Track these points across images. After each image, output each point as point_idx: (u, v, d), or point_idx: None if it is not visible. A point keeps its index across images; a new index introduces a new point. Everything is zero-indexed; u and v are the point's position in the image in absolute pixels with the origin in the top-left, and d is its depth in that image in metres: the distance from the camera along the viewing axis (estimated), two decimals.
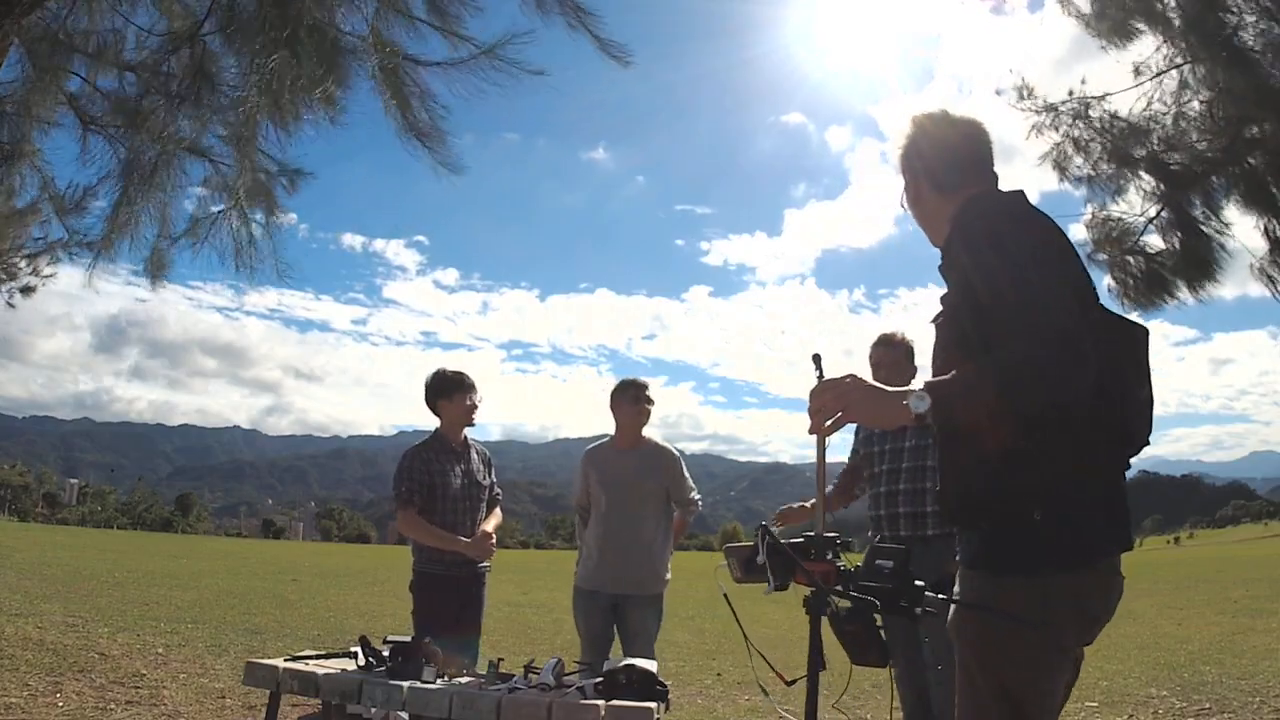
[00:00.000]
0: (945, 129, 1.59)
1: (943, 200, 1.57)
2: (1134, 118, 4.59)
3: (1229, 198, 4.57)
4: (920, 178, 1.61)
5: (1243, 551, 41.06)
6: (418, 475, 3.51)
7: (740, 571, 1.56)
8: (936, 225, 1.59)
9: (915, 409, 1.27)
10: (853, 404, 1.33)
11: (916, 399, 1.27)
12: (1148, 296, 4.80)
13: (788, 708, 5.09)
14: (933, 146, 1.58)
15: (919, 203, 1.63)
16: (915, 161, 1.61)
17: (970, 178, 1.56)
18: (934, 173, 1.58)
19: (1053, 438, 1.32)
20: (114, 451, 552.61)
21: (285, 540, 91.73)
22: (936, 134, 1.58)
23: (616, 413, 3.68)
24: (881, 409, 1.33)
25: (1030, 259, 1.33)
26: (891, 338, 3.30)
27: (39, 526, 52.54)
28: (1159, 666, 6.34)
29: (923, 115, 1.62)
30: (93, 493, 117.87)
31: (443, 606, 3.45)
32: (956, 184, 1.55)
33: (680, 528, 3.81)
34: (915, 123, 1.62)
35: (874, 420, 1.41)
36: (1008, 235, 1.38)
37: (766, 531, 1.48)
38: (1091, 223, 4.93)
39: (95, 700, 4.25)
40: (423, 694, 2.40)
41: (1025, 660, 1.37)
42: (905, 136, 1.63)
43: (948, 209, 1.55)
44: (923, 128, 1.61)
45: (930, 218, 1.61)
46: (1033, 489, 1.36)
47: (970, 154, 1.57)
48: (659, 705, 2.34)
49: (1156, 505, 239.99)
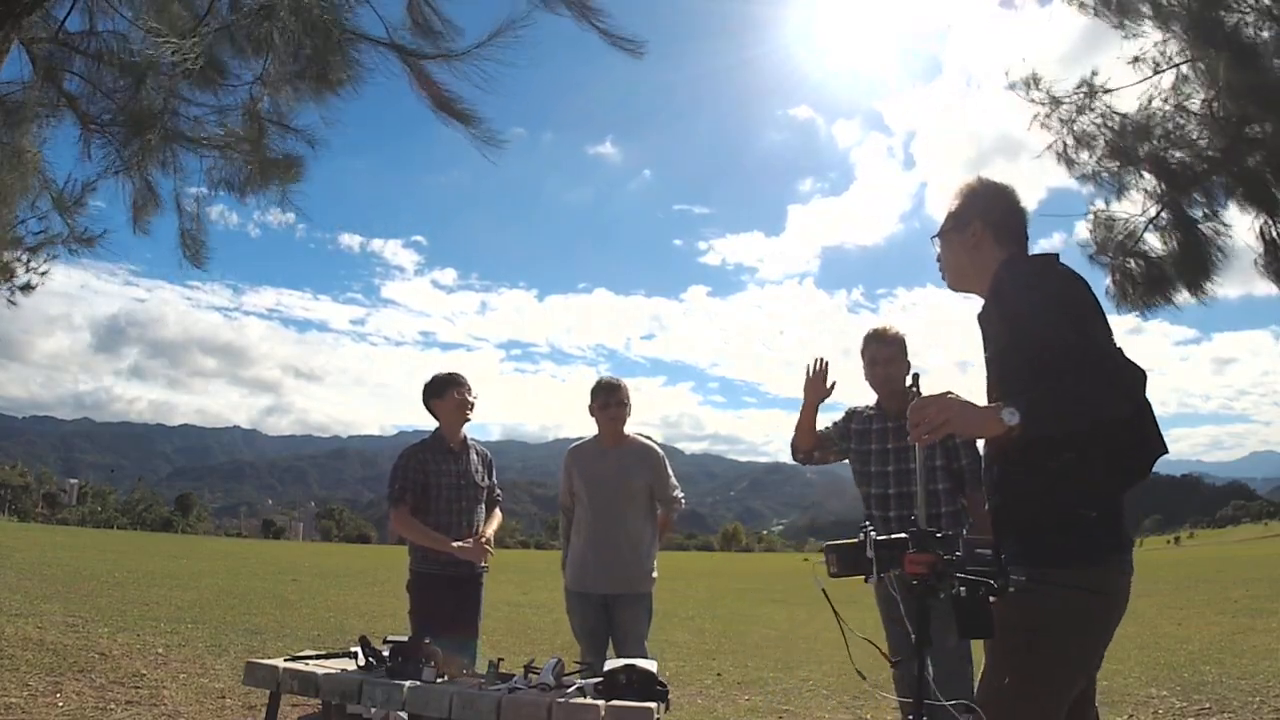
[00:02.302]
0: (1009, 195, 1.91)
1: (997, 254, 1.86)
2: (1136, 114, 4.59)
3: (1230, 198, 4.56)
4: (988, 230, 1.88)
5: (1243, 551, 41.08)
6: (411, 474, 3.52)
7: (838, 566, 1.73)
8: (983, 275, 1.88)
9: (1008, 421, 1.54)
10: (954, 417, 1.57)
11: (1008, 413, 1.54)
12: (1147, 297, 4.80)
13: (786, 708, 5.10)
14: (1002, 207, 1.89)
15: (978, 250, 1.89)
16: (991, 215, 1.88)
17: (1020, 241, 1.89)
18: (1000, 229, 1.87)
19: (1094, 451, 1.63)
20: (114, 452, 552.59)
21: (285, 540, 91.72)
22: (1005, 197, 1.90)
23: (593, 415, 3.68)
24: (979, 421, 1.59)
25: (1082, 313, 1.66)
26: (884, 333, 3.24)
27: (39, 527, 52.55)
28: (1159, 666, 6.34)
29: (989, 179, 1.94)
30: (93, 493, 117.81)
31: (439, 606, 3.45)
32: (1010, 243, 1.87)
33: (665, 525, 3.80)
34: (983, 182, 1.93)
35: (972, 431, 1.64)
36: (1064, 293, 1.70)
37: (869, 531, 1.69)
38: (1094, 223, 4.94)
39: (95, 700, 4.25)
40: (423, 694, 2.40)
41: (1098, 627, 1.68)
42: (975, 189, 1.93)
43: (996, 263, 1.86)
44: (991, 188, 1.92)
45: (981, 267, 1.89)
46: (1083, 493, 1.66)
47: (1023, 221, 1.91)
48: (659, 705, 2.34)
49: (1156, 505, 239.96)
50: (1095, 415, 1.57)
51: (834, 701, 5.24)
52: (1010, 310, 1.77)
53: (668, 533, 3.88)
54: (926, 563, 1.58)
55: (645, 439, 3.75)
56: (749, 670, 6.61)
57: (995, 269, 1.85)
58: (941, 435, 1.59)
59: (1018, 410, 1.54)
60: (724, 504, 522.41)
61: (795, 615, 12.04)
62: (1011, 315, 1.77)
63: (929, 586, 1.58)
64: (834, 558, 1.76)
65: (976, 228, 1.89)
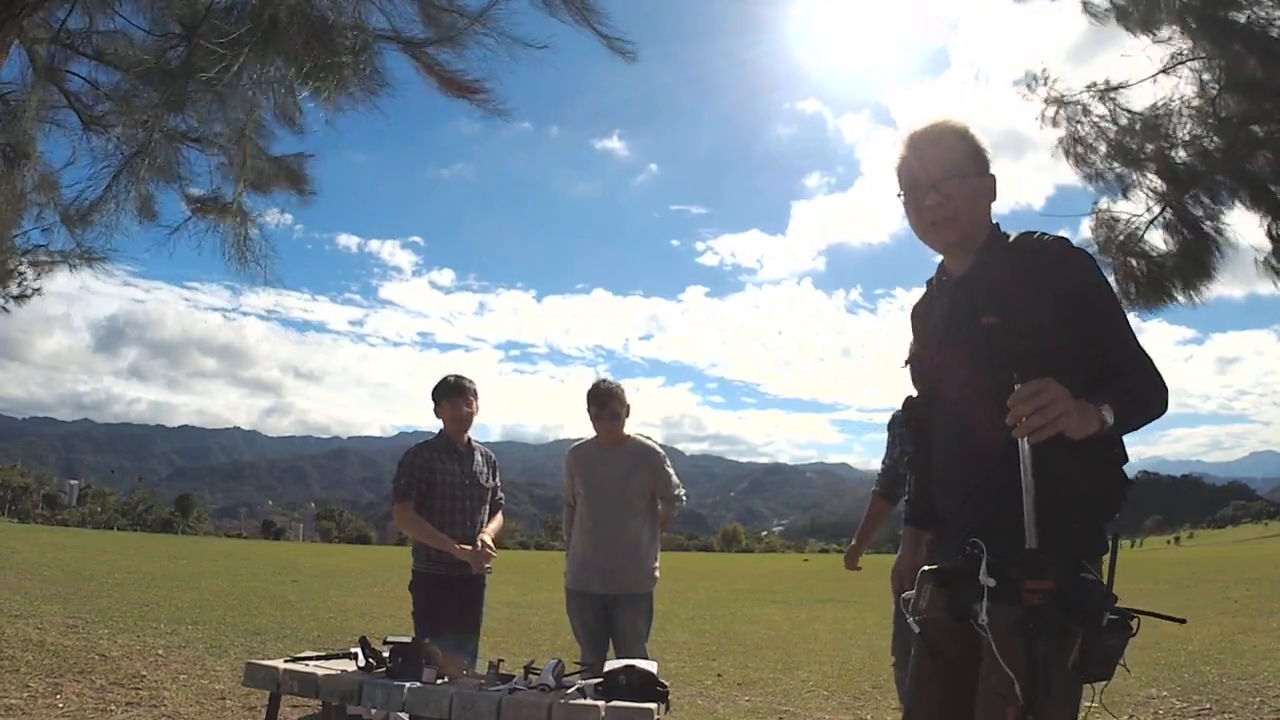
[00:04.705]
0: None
1: (990, 212, 1.65)
2: (1142, 112, 4.59)
3: (1234, 197, 4.57)
4: (989, 180, 1.64)
5: (1243, 551, 41.06)
6: (418, 471, 3.54)
7: (939, 602, 1.42)
8: (980, 231, 1.63)
9: (1107, 420, 1.36)
10: (1072, 411, 1.31)
11: (1107, 411, 1.36)
12: (1150, 297, 4.80)
13: (786, 708, 5.10)
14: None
15: (984, 201, 1.63)
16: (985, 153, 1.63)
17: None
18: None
19: (1119, 445, 1.52)
20: (114, 452, 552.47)
21: (285, 541, 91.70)
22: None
23: (590, 420, 3.68)
24: (1085, 420, 1.34)
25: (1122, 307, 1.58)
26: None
27: (39, 527, 52.54)
28: (1159, 666, 6.34)
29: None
30: (93, 494, 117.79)
31: (442, 607, 3.46)
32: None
33: (665, 522, 3.81)
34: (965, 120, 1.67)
35: (1080, 430, 1.34)
36: (1114, 292, 1.62)
37: (981, 549, 1.38)
38: (1097, 222, 4.94)
39: (95, 702, 4.25)
40: (423, 695, 2.40)
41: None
42: (976, 131, 1.65)
43: (989, 220, 1.64)
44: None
45: (982, 224, 1.64)
46: (1120, 486, 1.53)
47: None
48: (659, 706, 2.34)
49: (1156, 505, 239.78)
50: (1154, 416, 1.46)
51: (834, 702, 5.24)
52: (1071, 288, 1.51)
53: (665, 530, 3.88)
54: (1046, 590, 1.29)
55: (645, 439, 3.74)
56: (749, 670, 6.61)
57: (1042, 237, 1.59)
58: (1054, 432, 1.28)
59: (1112, 408, 1.36)
60: (724, 505, 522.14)
61: (795, 615, 12.04)
62: (1072, 294, 1.51)
63: (1046, 622, 1.28)
64: (932, 586, 1.40)
65: (991, 180, 1.62)
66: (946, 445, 1.67)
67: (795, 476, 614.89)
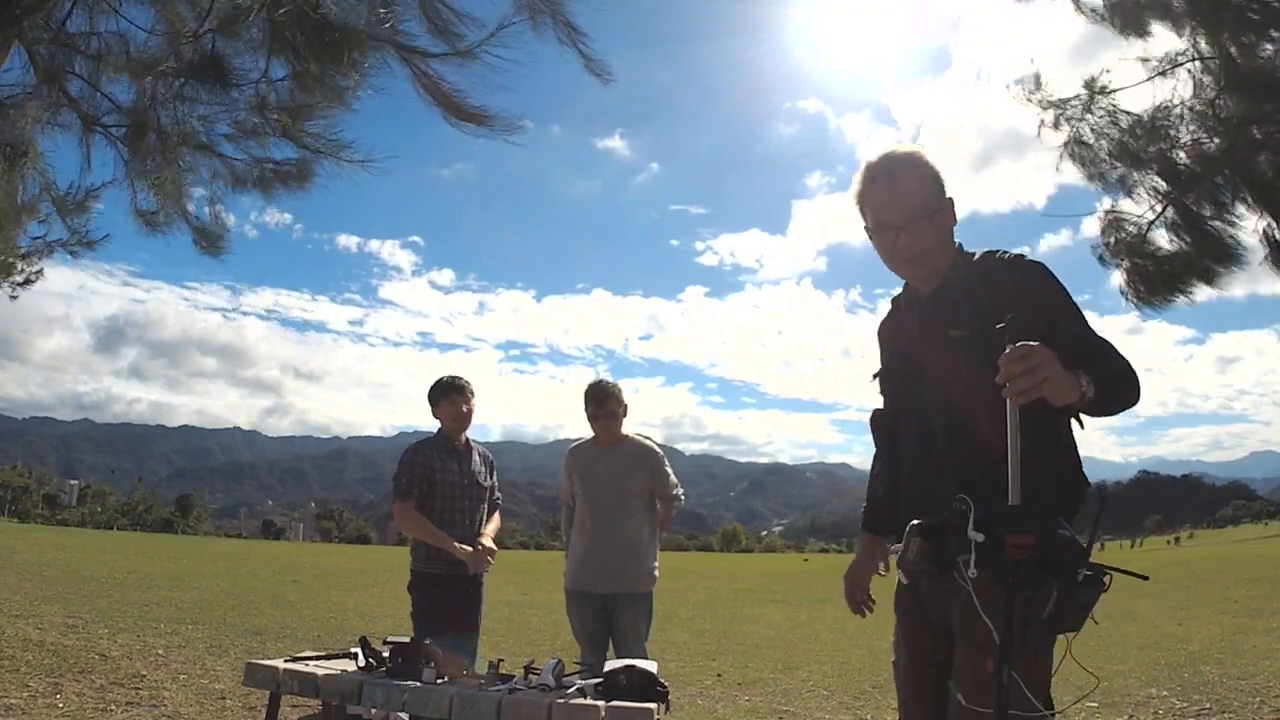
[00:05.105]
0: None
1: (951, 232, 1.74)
2: (1142, 111, 4.59)
3: (1237, 198, 4.57)
4: (948, 204, 1.72)
5: (1243, 551, 41.05)
6: (419, 470, 3.54)
7: (926, 557, 1.46)
8: (946, 254, 1.72)
9: (1088, 391, 1.41)
10: (1056, 375, 1.35)
11: (1087, 382, 1.41)
12: (1155, 295, 4.80)
13: (786, 708, 5.10)
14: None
15: (949, 227, 1.73)
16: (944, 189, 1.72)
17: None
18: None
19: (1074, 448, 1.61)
20: (114, 452, 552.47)
21: (285, 541, 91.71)
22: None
23: (588, 420, 3.69)
24: (1068, 385, 1.39)
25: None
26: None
27: (39, 527, 52.54)
28: (1159, 666, 6.34)
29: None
30: (93, 494, 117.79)
31: (441, 606, 3.47)
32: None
33: (664, 521, 3.81)
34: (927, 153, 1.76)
35: (1062, 394, 1.39)
36: (1070, 294, 1.65)
37: (968, 505, 1.39)
38: (1104, 222, 4.94)
39: (95, 702, 4.25)
40: (423, 695, 2.40)
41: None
42: (928, 158, 1.72)
43: (952, 240, 1.74)
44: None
45: (948, 246, 1.73)
46: (1079, 486, 1.61)
47: None
48: (659, 706, 2.34)
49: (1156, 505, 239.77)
50: (1130, 395, 1.52)
51: (834, 701, 5.24)
52: (1031, 295, 1.59)
53: (664, 530, 3.89)
54: (1028, 545, 1.34)
55: (644, 439, 3.75)
56: (749, 670, 6.61)
57: (1003, 255, 1.67)
58: (1039, 395, 1.34)
59: (1092, 382, 1.42)
60: (724, 505, 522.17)
61: (795, 615, 12.04)
62: (1030, 299, 1.57)
63: (1026, 577, 1.33)
64: (920, 539, 1.44)
65: (950, 202, 1.72)
66: (918, 451, 1.74)
67: (795, 476, 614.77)
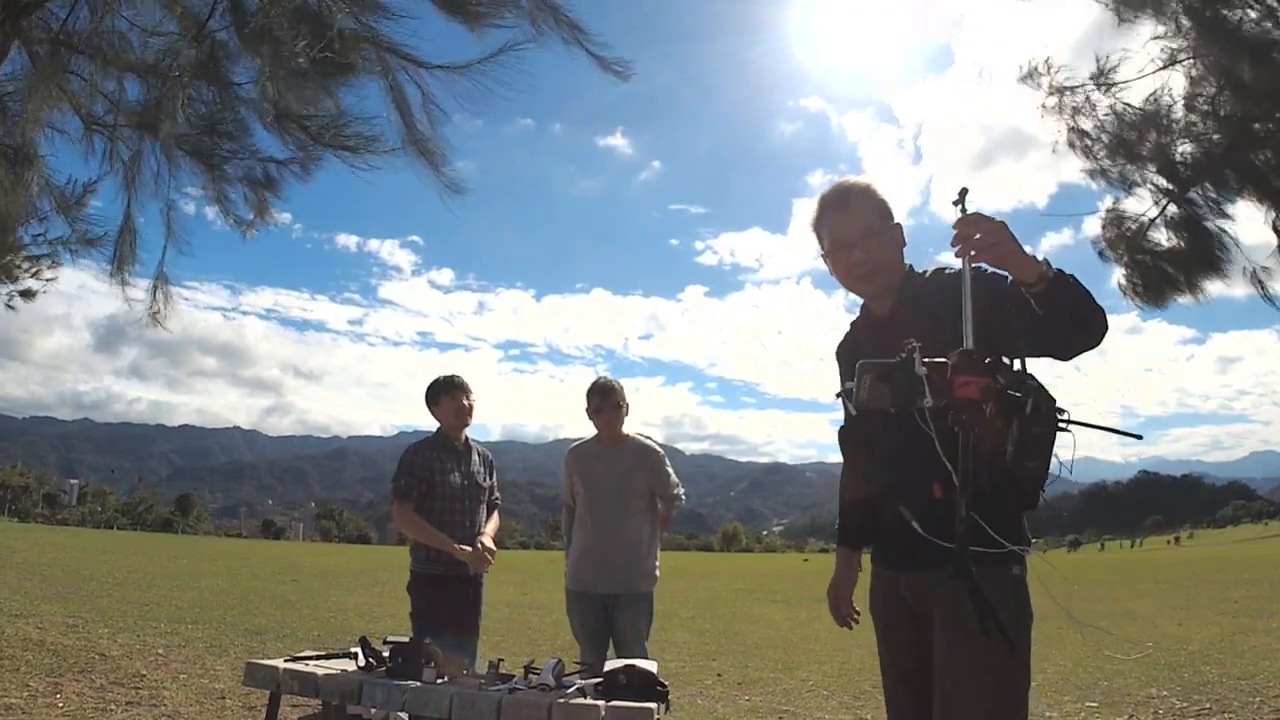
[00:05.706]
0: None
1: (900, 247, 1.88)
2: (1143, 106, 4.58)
3: (1238, 195, 4.57)
4: (898, 227, 1.87)
5: (1243, 551, 41.05)
6: (418, 470, 3.53)
7: (879, 391, 1.46)
8: (898, 269, 1.86)
9: (1048, 272, 1.43)
10: (1005, 240, 1.43)
11: (1048, 266, 1.44)
12: (1155, 294, 4.80)
13: (786, 708, 5.10)
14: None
15: (897, 242, 1.86)
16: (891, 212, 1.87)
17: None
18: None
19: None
20: (114, 452, 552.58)
21: (285, 541, 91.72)
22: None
23: (590, 418, 3.69)
24: (1024, 255, 1.44)
25: None
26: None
27: (39, 527, 52.53)
28: (1159, 666, 6.34)
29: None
30: (93, 493, 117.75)
31: (441, 606, 3.46)
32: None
33: (665, 521, 3.81)
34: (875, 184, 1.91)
35: (1016, 261, 1.44)
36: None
37: (915, 348, 1.43)
38: (1105, 219, 4.94)
39: (95, 701, 4.25)
40: (423, 694, 2.40)
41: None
42: (877, 187, 1.88)
43: (901, 255, 1.87)
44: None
45: (899, 261, 1.86)
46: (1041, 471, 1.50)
47: None
48: (659, 706, 2.34)
49: (1156, 505, 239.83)
50: (1098, 318, 1.49)
51: (834, 701, 5.24)
52: (1001, 280, 1.63)
53: (664, 530, 3.89)
54: (979, 385, 1.32)
55: (644, 438, 3.75)
56: (749, 670, 6.61)
57: (954, 272, 1.71)
58: (991, 257, 1.44)
59: (1051, 267, 1.46)
60: (724, 504, 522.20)
61: (795, 615, 12.03)
62: (1003, 280, 1.63)
63: (980, 415, 1.33)
64: (869, 377, 1.47)
65: (899, 227, 1.88)
66: (891, 450, 1.79)
67: (795, 476, 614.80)
